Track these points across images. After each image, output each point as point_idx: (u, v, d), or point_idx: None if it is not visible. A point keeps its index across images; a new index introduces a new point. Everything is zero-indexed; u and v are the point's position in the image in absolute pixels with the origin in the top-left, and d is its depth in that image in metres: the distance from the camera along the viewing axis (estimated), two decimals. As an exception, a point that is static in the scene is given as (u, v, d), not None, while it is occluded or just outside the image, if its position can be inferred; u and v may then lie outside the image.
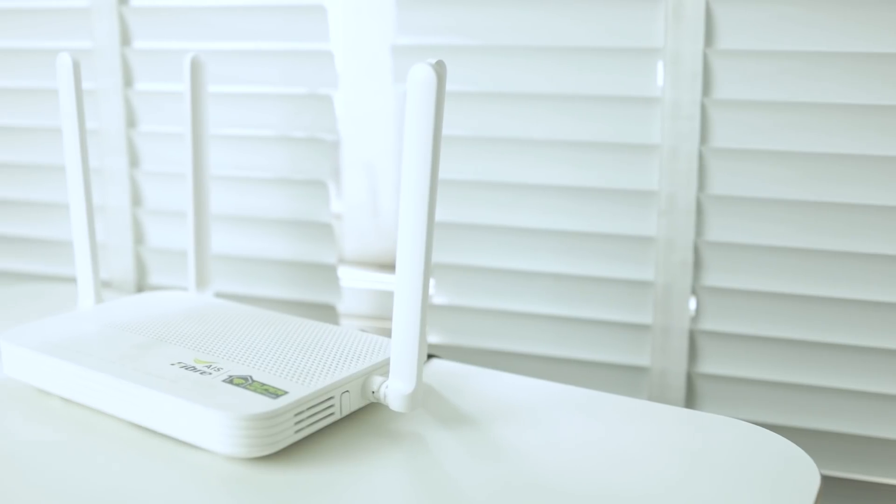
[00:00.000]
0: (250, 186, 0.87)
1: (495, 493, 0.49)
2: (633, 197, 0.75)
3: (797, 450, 0.54)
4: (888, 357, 0.71)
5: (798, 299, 0.72)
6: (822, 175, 0.70)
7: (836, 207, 0.70)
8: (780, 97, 0.70)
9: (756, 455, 0.53)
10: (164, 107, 0.89)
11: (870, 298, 0.70)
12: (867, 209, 0.69)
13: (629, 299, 0.76)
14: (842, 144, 0.69)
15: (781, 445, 0.54)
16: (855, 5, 0.67)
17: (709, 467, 0.52)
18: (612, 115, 0.74)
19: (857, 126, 0.68)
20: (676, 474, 0.51)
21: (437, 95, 0.49)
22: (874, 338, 0.71)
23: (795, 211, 0.71)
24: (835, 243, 0.70)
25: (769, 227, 0.72)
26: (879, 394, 0.71)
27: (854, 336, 0.71)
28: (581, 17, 0.74)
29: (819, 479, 0.50)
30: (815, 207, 0.70)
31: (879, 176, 0.69)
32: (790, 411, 0.74)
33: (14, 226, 0.98)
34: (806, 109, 0.69)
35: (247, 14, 0.84)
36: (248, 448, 0.50)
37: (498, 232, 0.79)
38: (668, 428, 0.57)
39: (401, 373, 0.54)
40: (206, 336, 0.61)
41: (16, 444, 0.55)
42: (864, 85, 0.68)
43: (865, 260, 0.70)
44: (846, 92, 0.68)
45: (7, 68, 0.94)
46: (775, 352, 0.73)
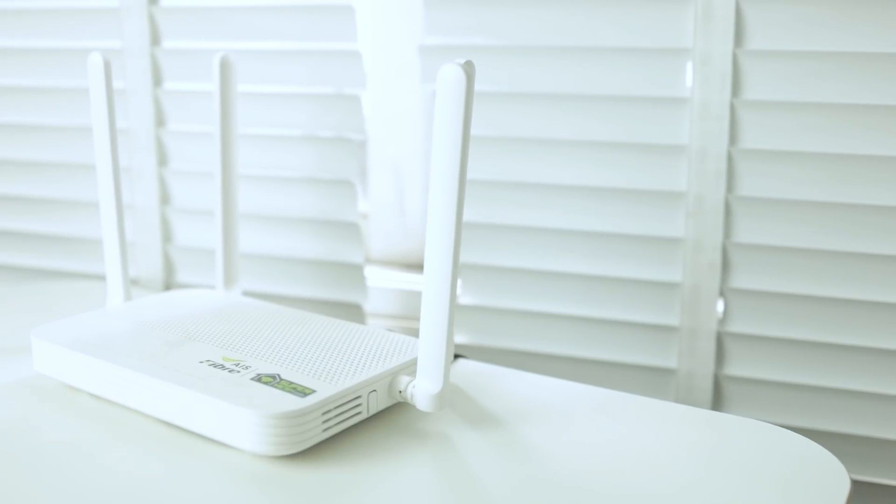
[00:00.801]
0: (278, 186, 0.87)
1: (521, 493, 0.49)
2: (661, 198, 0.75)
3: (826, 453, 0.53)
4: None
5: (827, 301, 0.72)
6: (852, 177, 0.69)
7: (865, 209, 0.69)
8: (810, 98, 0.69)
9: (785, 458, 0.53)
10: (193, 106, 0.90)
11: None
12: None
13: (656, 301, 0.76)
14: (872, 146, 0.68)
15: (810, 449, 0.54)
16: (887, 6, 0.66)
17: (736, 470, 0.52)
18: (641, 116, 0.74)
19: (889, 128, 0.68)
20: (702, 476, 0.51)
21: (467, 95, 0.49)
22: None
23: (824, 213, 0.70)
24: (864, 246, 0.70)
25: (798, 229, 0.71)
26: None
27: (884, 339, 0.70)
28: (610, 17, 0.74)
29: (849, 484, 0.50)
30: (845, 209, 0.70)
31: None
32: (819, 414, 0.73)
33: (45, 223, 0.99)
34: (836, 111, 0.69)
35: (275, 14, 0.85)
36: (276, 446, 0.51)
37: (525, 232, 0.79)
38: (695, 430, 0.57)
39: (428, 372, 0.54)
40: (235, 334, 0.62)
41: (46, 441, 0.55)
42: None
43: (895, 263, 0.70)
44: (877, 93, 0.68)
45: (38, 68, 0.95)
46: (804, 354, 0.73)
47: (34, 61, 0.96)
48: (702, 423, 0.58)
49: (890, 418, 0.71)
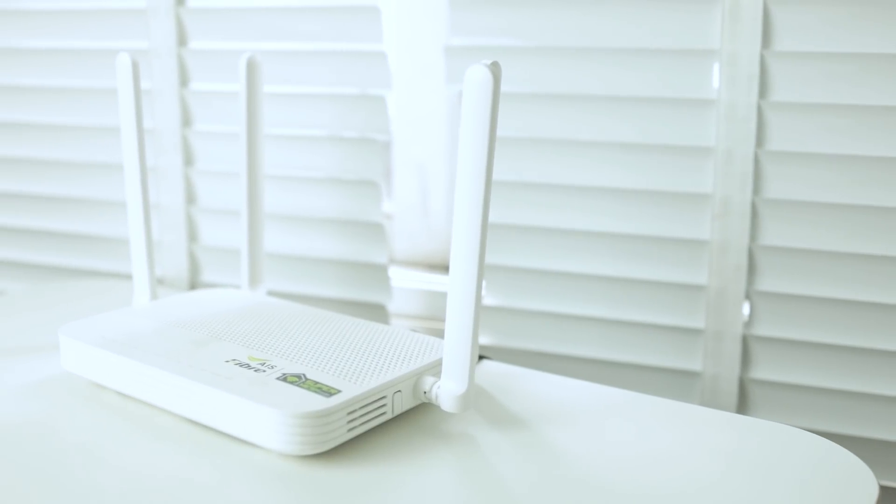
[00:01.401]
0: (302, 186, 0.88)
1: (544, 494, 0.49)
2: (686, 200, 0.74)
3: (854, 458, 0.53)
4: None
5: (854, 305, 0.71)
6: (880, 179, 0.69)
7: (893, 212, 0.69)
8: (838, 100, 0.69)
9: (812, 463, 0.53)
10: (219, 106, 0.90)
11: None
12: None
13: (682, 303, 0.76)
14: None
15: (838, 453, 0.53)
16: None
17: (761, 474, 0.51)
18: (667, 118, 0.74)
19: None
20: (726, 480, 0.51)
21: (493, 96, 0.49)
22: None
23: (852, 215, 0.70)
24: (892, 249, 0.69)
25: (825, 232, 0.71)
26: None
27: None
28: (636, 18, 0.73)
29: (877, 489, 0.49)
30: (872, 212, 0.69)
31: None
32: (846, 419, 0.72)
33: (72, 223, 1.00)
34: (864, 113, 0.68)
35: (301, 15, 0.85)
36: (301, 446, 0.51)
37: (549, 234, 0.79)
38: (720, 433, 0.57)
39: (453, 373, 0.54)
40: (260, 334, 0.62)
41: (72, 438, 0.56)
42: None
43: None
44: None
45: (67, 68, 0.96)
46: (830, 358, 0.72)
47: (62, 62, 0.96)
48: (727, 427, 0.58)
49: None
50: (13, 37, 0.99)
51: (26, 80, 0.98)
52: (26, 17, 0.97)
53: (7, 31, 0.98)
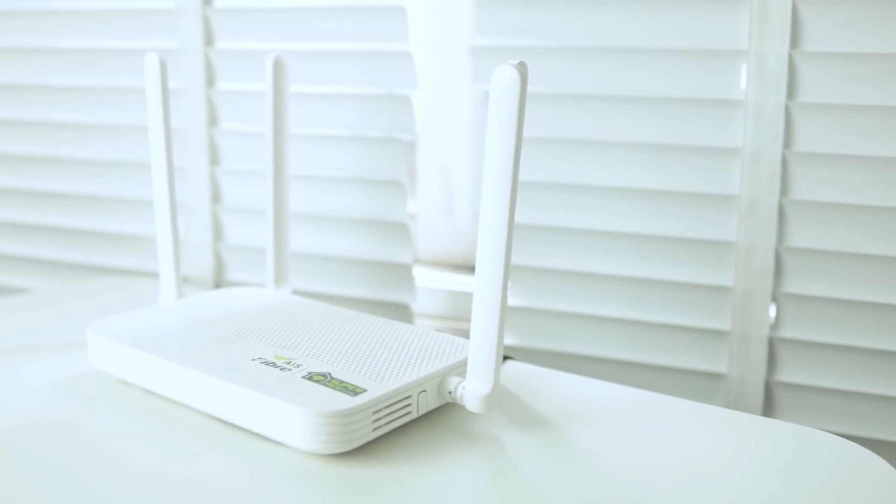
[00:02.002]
0: (327, 185, 0.88)
1: (569, 495, 0.49)
2: (713, 201, 0.74)
3: (883, 463, 0.52)
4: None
5: (882, 308, 0.70)
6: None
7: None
8: (867, 101, 0.68)
9: (837, 466, 0.52)
10: (245, 106, 0.91)
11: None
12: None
13: (707, 305, 0.75)
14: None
15: (866, 457, 0.53)
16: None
17: (788, 478, 0.51)
18: (694, 118, 0.73)
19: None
20: (752, 483, 0.50)
21: (520, 97, 0.49)
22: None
23: (880, 217, 0.69)
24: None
25: (853, 234, 0.70)
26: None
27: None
28: (663, 18, 0.73)
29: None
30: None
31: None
32: (873, 423, 0.72)
33: (99, 221, 1.01)
34: (893, 114, 0.68)
35: (327, 15, 0.85)
36: (327, 444, 0.51)
37: (575, 234, 0.78)
38: (746, 436, 0.56)
39: (478, 374, 0.54)
40: (286, 333, 0.62)
41: (99, 434, 0.56)
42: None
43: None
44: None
45: (95, 68, 0.97)
46: (857, 361, 0.72)
47: (91, 61, 0.97)
48: (753, 429, 0.57)
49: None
50: (43, 36, 0.99)
51: (55, 79, 0.99)
52: (56, 17, 0.98)
53: (37, 31, 0.99)
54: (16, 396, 0.61)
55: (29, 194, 1.04)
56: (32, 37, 1.00)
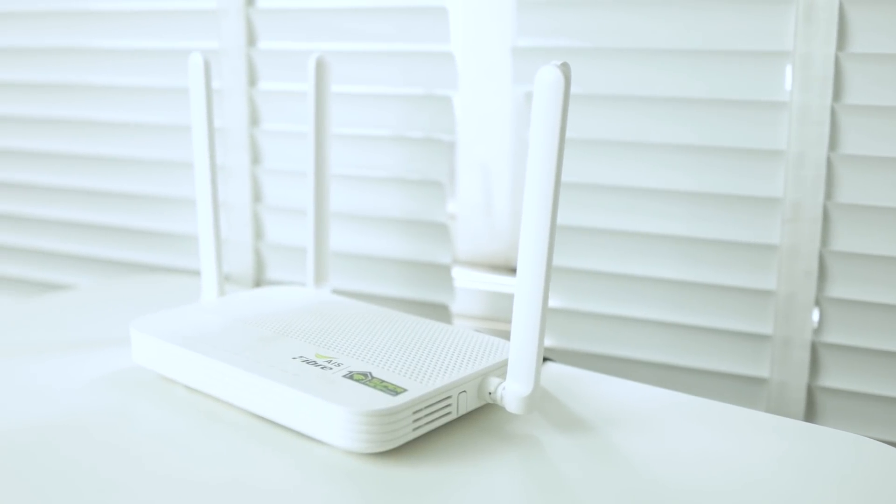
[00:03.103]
0: (367, 185, 0.88)
1: (609, 498, 0.49)
2: (756, 204, 0.73)
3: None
4: None
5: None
6: (959, 185, 0.67)
7: (974, 219, 0.67)
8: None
9: (883, 474, 0.51)
10: (286, 106, 0.91)
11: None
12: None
13: (749, 308, 0.75)
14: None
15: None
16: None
17: (831, 484, 0.50)
18: (737, 120, 0.73)
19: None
20: (795, 489, 0.50)
21: (564, 98, 0.49)
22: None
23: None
24: (972, 256, 0.67)
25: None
26: None
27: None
28: (707, 19, 0.72)
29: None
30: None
31: None
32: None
33: (142, 219, 1.02)
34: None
35: (369, 15, 0.86)
36: (367, 443, 0.51)
37: (616, 236, 0.78)
38: (788, 441, 0.56)
39: (518, 375, 0.54)
40: (326, 331, 0.63)
41: (141, 431, 0.57)
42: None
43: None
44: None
45: (139, 68, 0.98)
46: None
47: (135, 61, 0.98)
48: (795, 434, 0.57)
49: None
50: (89, 37, 1.01)
51: (100, 78, 1.01)
52: (101, 18, 0.99)
53: (83, 32, 1.01)
54: (60, 392, 0.62)
55: (73, 192, 1.05)
56: (78, 37, 1.01)
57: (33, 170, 1.07)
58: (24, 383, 0.64)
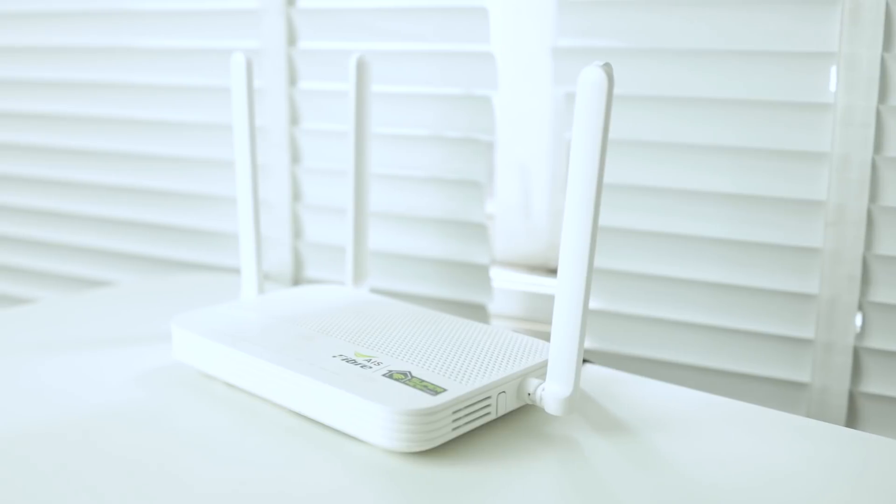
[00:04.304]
0: (406, 185, 0.88)
1: (648, 501, 0.48)
2: (798, 206, 0.72)
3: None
4: None
5: (977, 319, 0.68)
6: None
7: None
8: (965, 105, 0.66)
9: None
10: (325, 105, 0.91)
11: None
12: None
13: (791, 312, 0.74)
14: None
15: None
16: None
17: (873, 491, 0.50)
18: (780, 121, 0.72)
19: None
20: (837, 496, 0.49)
21: (607, 98, 0.48)
22: None
23: (977, 226, 0.67)
24: None
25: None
26: None
27: None
28: (749, 19, 0.72)
29: None
30: None
31: None
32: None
33: (182, 216, 1.03)
34: None
35: (409, 15, 0.86)
36: (407, 443, 0.51)
37: (656, 238, 0.78)
38: (830, 447, 0.55)
39: (558, 376, 0.53)
40: (365, 330, 0.63)
41: (181, 426, 0.57)
42: None
43: None
44: None
45: (180, 67, 0.99)
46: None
47: (176, 60, 0.99)
48: (837, 440, 0.56)
49: None
50: (131, 36, 1.02)
51: (142, 77, 1.02)
52: (144, 18, 1.00)
53: (126, 32, 1.02)
54: (101, 387, 0.63)
55: (116, 190, 1.07)
56: (121, 37, 1.02)
57: (76, 167, 1.09)
58: (66, 378, 0.65)
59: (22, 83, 1.11)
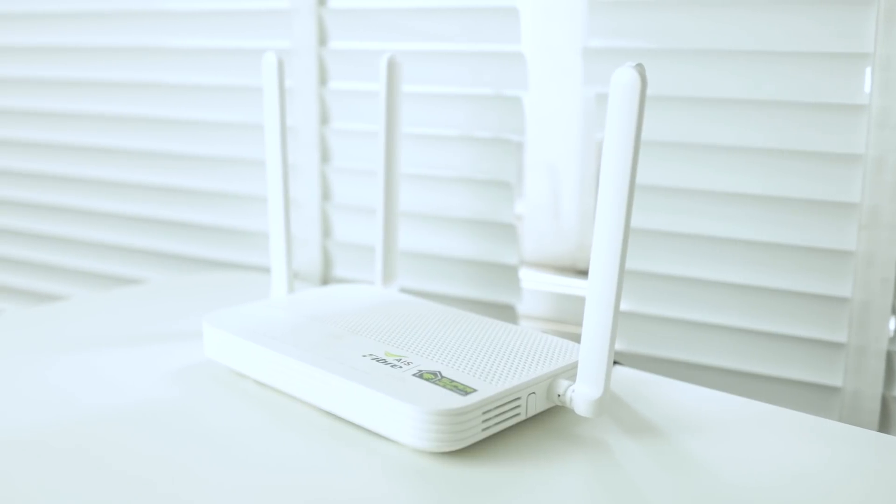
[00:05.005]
0: (435, 185, 0.88)
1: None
2: (831, 208, 0.72)
3: None
4: None
5: None
6: None
7: None
8: None
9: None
10: (355, 105, 0.92)
11: None
12: None
13: (823, 316, 0.73)
14: None
15: None
16: None
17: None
18: (812, 123, 0.71)
19: None
20: (869, 502, 0.49)
21: (640, 99, 0.48)
22: None
23: None
24: None
25: (982, 246, 0.67)
26: None
27: None
28: (782, 20, 0.71)
29: None
30: None
31: None
32: None
33: (213, 215, 1.03)
34: None
35: (439, 15, 0.86)
36: (436, 443, 0.51)
37: (686, 240, 0.77)
38: (862, 452, 0.55)
39: (589, 377, 0.53)
40: (395, 330, 0.63)
41: (212, 423, 0.58)
42: None
43: None
44: None
45: (211, 66, 1.00)
46: (984, 379, 0.69)
47: (208, 60, 1.00)
48: (869, 445, 0.56)
49: None
50: (163, 36, 1.03)
51: (174, 77, 1.03)
52: (176, 18, 1.01)
53: (158, 32, 1.03)
54: (133, 385, 0.63)
55: (147, 188, 1.07)
56: (153, 37, 1.03)
57: (109, 166, 1.10)
58: (97, 375, 0.65)
59: (56, 83, 1.12)
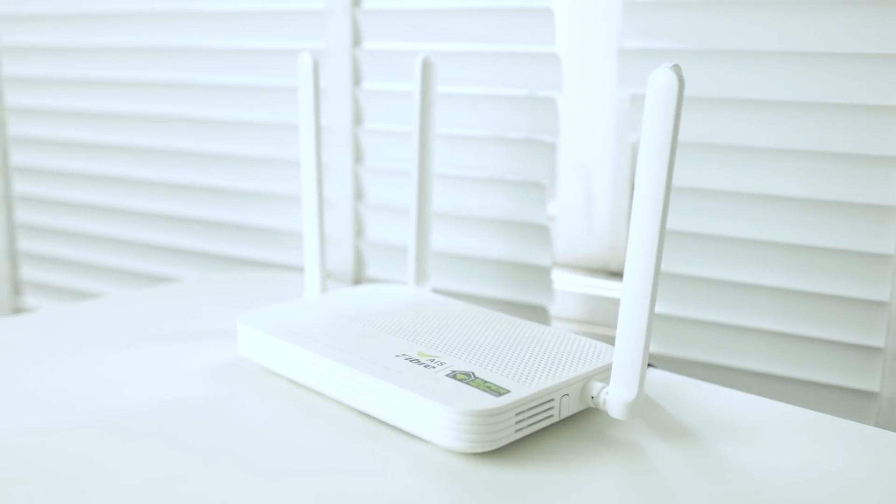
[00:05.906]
0: (468, 185, 0.88)
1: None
2: (870, 212, 0.71)
3: None
4: None
5: None
6: None
7: None
8: None
9: None
10: (388, 105, 0.92)
11: None
12: None
13: (860, 320, 0.72)
14: None
15: None
16: None
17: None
18: (853, 125, 0.70)
19: None
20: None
21: (677, 100, 0.48)
22: None
23: None
24: None
25: None
26: None
27: None
28: (821, 19, 0.70)
29: None
30: None
31: None
32: None
33: (247, 215, 1.04)
34: None
35: (473, 16, 0.86)
36: (470, 443, 0.51)
37: (722, 242, 0.76)
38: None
39: (623, 380, 0.53)
40: (428, 330, 0.63)
41: (245, 421, 0.58)
42: None
43: None
44: None
45: (247, 67, 1.00)
46: None
47: (243, 61, 1.00)
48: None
49: None
50: (199, 37, 1.04)
51: (210, 77, 1.03)
52: (211, 19, 1.02)
53: (193, 32, 1.04)
54: (166, 383, 0.64)
55: (182, 188, 1.08)
56: (189, 37, 1.04)
57: (143, 165, 1.11)
58: (131, 373, 0.66)
59: (93, 83, 1.14)
